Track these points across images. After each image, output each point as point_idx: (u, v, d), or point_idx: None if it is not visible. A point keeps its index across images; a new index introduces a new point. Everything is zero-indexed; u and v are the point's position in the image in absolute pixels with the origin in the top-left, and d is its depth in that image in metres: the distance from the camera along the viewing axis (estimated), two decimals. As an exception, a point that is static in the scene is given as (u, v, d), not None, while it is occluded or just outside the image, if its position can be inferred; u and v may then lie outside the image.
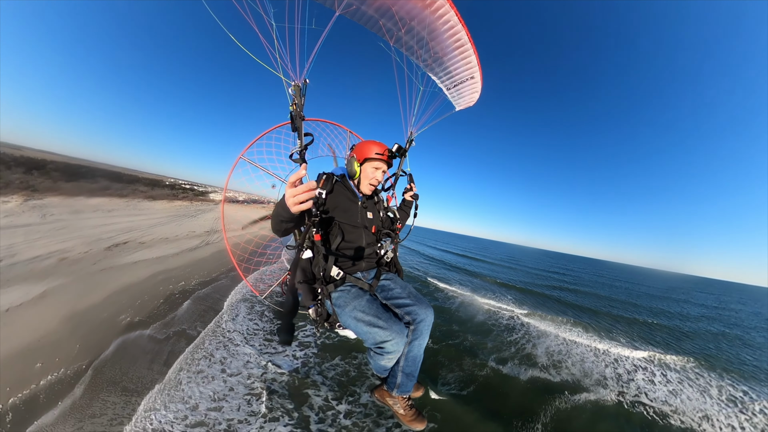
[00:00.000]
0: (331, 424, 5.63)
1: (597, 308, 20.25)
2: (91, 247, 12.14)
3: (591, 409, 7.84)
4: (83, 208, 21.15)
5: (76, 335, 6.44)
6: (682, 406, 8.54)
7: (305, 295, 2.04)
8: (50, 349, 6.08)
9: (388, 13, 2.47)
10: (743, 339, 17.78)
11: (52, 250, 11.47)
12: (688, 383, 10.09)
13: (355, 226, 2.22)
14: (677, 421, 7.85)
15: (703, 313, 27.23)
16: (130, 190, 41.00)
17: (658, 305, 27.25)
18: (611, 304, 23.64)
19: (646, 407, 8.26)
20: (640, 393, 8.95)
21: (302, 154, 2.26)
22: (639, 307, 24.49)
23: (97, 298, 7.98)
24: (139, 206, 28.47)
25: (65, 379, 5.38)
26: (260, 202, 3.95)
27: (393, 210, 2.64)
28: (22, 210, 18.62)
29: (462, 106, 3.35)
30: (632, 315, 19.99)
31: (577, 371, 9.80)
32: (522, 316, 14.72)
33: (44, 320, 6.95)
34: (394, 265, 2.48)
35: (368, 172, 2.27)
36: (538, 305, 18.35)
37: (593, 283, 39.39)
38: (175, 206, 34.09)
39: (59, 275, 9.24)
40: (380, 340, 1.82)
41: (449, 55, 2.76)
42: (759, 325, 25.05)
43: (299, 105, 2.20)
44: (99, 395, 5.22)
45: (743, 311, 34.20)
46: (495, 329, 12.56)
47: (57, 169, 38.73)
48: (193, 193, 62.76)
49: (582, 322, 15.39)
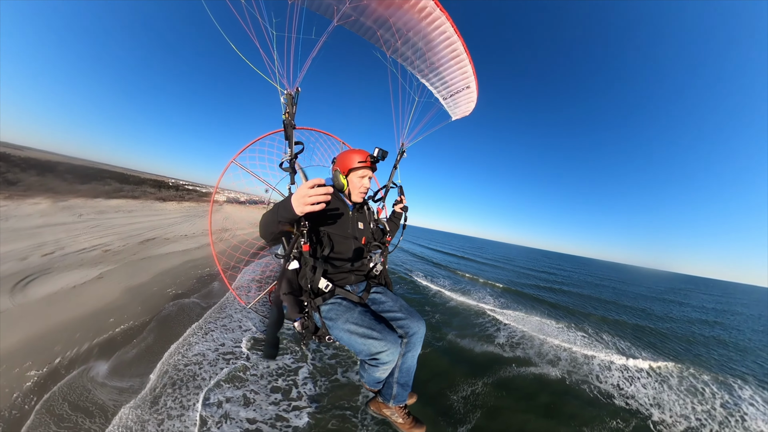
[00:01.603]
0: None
1: (575, 307, 19.85)
2: (127, 242, 14.29)
3: (533, 380, 8.56)
4: (106, 209, 23.32)
5: (136, 301, 8.59)
6: (637, 393, 8.74)
7: (291, 307, 1.96)
8: (117, 310, 8.22)
9: (386, 24, 2.53)
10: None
11: (95, 244, 13.61)
12: (657, 384, 9.77)
13: (345, 236, 2.19)
14: (623, 402, 8.10)
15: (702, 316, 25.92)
16: (140, 191, 43.21)
17: (658, 308, 25.95)
18: (593, 303, 22.99)
19: (591, 387, 8.69)
20: (590, 374, 9.38)
21: (292, 162, 2.25)
22: (623, 306, 23.62)
23: (145, 278, 10.13)
24: (152, 207, 30.68)
25: (135, 328, 7.53)
26: (261, 203, 4.17)
27: (383, 222, 2.64)
28: (54, 211, 20.80)
29: (458, 116, 3.41)
30: (607, 314, 19.32)
31: (532, 353, 10.43)
32: (491, 312, 14.86)
33: (107, 293, 9.09)
34: (383, 277, 2.45)
35: (355, 182, 2.27)
36: (515, 302, 18.47)
37: (582, 282, 38.96)
38: (185, 207, 36.31)
39: (108, 263, 11.38)
40: (375, 351, 1.77)
41: (445, 65, 2.82)
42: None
43: (291, 114, 2.21)
44: (162, 338, 7.36)
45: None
46: (463, 313, 14.29)
47: (68, 171, 40.87)
48: (197, 194, 65.06)
49: (555, 318, 15.50)
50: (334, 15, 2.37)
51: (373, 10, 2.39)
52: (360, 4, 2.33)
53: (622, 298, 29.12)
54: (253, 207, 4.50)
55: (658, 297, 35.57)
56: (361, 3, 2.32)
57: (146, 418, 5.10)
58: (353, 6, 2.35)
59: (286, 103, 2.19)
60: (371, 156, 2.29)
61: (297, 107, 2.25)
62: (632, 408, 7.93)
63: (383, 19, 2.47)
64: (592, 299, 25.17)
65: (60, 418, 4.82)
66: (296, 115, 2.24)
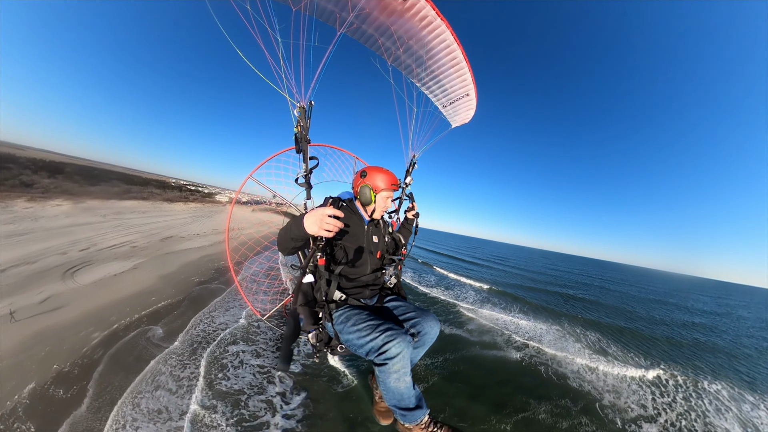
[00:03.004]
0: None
1: (552, 306, 19.45)
2: (149, 239, 16.27)
3: (494, 359, 9.47)
4: (122, 210, 25.31)
5: (169, 286, 10.58)
6: (596, 381, 9.13)
7: (306, 318, 1.96)
8: (156, 292, 10.19)
9: (387, 32, 2.59)
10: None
11: (122, 242, 15.58)
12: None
13: (360, 250, 2.21)
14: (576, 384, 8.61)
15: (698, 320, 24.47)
16: (148, 193, 45.14)
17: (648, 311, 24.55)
18: (574, 303, 22.31)
19: (548, 368, 9.38)
20: (553, 360, 9.98)
21: (307, 178, 2.25)
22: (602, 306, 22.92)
23: (172, 268, 12.11)
24: (162, 208, 32.68)
25: (173, 304, 9.58)
26: (262, 203, 4.02)
27: (397, 236, 2.63)
28: (76, 212, 22.78)
29: (458, 123, 3.45)
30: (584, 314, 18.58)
31: (500, 340, 11.16)
32: (466, 309, 14.95)
33: (144, 280, 11.06)
34: (398, 290, 2.47)
35: (381, 202, 2.30)
36: (495, 300, 18.71)
37: (575, 283, 37.96)
38: (191, 208, 38.32)
39: (138, 257, 13.34)
40: (382, 343, 1.69)
41: (445, 73, 2.88)
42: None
43: (305, 128, 2.19)
44: (195, 311, 9.37)
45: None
46: (439, 302, 15.98)
47: (76, 172, 42.72)
48: (201, 194, 67.04)
49: (530, 318, 15.32)
50: (337, 23, 2.44)
51: (375, 18, 2.47)
52: (362, 13, 2.41)
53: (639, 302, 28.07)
54: (256, 207, 4.81)
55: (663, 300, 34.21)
56: (363, 12, 2.39)
57: (186, 363, 7.09)
58: (356, 14, 2.42)
59: (299, 117, 2.19)
60: (403, 183, 2.52)
61: (311, 121, 2.25)
62: (584, 390, 8.44)
63: (385, 27, 2.55)
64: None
65: (121, 365, 6.78)
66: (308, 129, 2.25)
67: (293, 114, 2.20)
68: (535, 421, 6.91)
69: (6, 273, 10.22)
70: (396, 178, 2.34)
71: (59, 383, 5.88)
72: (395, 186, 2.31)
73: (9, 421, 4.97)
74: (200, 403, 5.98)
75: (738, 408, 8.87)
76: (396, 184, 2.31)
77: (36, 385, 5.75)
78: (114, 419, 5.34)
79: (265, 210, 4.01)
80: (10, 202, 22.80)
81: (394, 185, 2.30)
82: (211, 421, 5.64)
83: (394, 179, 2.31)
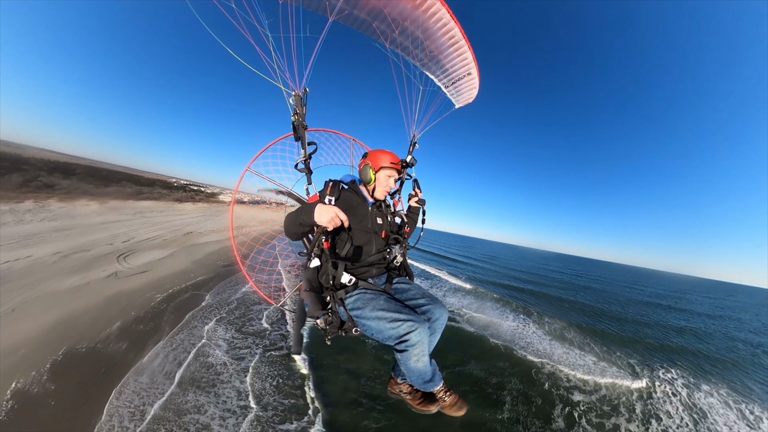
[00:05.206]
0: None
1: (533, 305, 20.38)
2: (174, 234, 19.66)
3: (466, 335, 13.44)
4: (143, 210, 28.65)
5: (201, 268, 14.09)
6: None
7: (313, 305, 1.94)
8: (192, 272, 13.71)
9: (380, 15, 2.52)
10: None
11: (153, 235, 18.94)
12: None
13: (365, 231, 2.25)
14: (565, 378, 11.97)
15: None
16: (158, 193, 48.32)
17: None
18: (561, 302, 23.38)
19: (533, 363, 11.54)
20: (514, 334, 14.82)
21: (307, 163, 2.34)
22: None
23: (200, 255, 15.61)
24: (174, 207, 36.07)
25: (207, 279, 13.16)
26: (263, 203, 4.05)
27: (400, 214, 2.71)
28: (104, 211, 26.09)
29: (461, 104, 3.42)
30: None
31: (492, 332, 13.75)
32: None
33: (181, 263, 14.52)
34: (404, 269, 2.53)
35: (382, 180, 2.35)
36: (478, 299, 20.75)
37: (563, 282, 39.11)
38: (200, 207, 41.72)
39: (170, 247, 16.73)
40: (404, 332, 1.79)
41: (444, 53, 2.81)
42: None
43: (301, 114, 2.26)
44: (221, 286, 12.82)
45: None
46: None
47: (86, 173, 45.75)
48: (205, 194, 70.27)
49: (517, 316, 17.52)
50: (327, 11, 2.39)
51: (366, 2, 2.40)
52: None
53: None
54: (255, 207, 4.94)
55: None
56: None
57: (233, 321, 10.52)
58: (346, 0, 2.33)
59: (295, 105, 2.26)
60: (403, 161, 2.59)
61: (307, 108, 2.31)
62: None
63: (377, 11, 2.49)
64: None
65: (180, 312, 10.26)
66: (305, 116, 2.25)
67: (289, 103, 2.30)
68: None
69: (70, 257, 13.58)
70: (397, 157, 2.41)
71: (138, 323, 9.17)
72: (395, 164, 2.37)
73: (106, 342, 8.13)
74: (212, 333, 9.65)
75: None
76: (396, 163, 2.37)
77: (121, 323, 8.94)
78: (184, 332, 8.98)
79: (268, 207, 4.21)
80: (44, 201, 26.08)
81: (394, 163, 2.36)
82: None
83: (394, 158, 2.37)
